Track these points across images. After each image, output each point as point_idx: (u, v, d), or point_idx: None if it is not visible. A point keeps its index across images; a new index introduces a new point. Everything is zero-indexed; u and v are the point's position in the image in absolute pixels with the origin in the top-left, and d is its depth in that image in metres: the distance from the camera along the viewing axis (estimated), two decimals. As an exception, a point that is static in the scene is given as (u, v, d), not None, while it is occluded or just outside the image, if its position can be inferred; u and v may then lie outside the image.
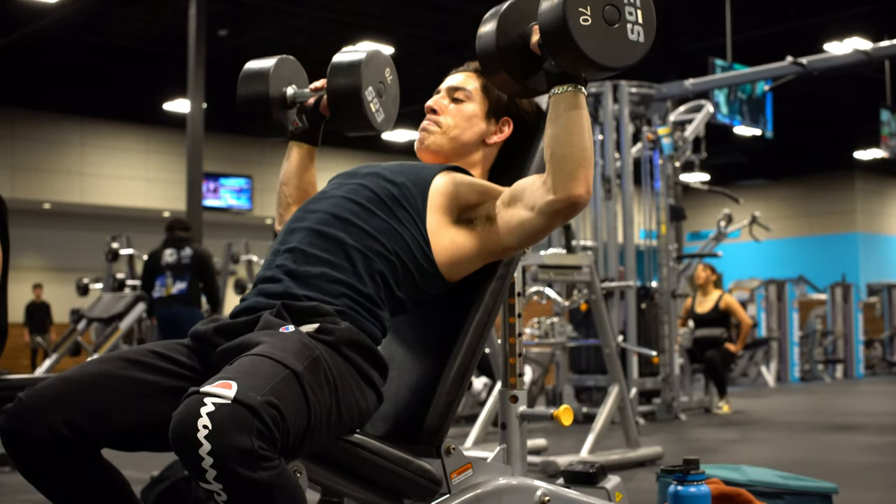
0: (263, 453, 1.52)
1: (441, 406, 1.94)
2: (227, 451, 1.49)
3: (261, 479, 1.52)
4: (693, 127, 8.31)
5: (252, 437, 1.51)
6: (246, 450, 1.50)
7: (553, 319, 7.09)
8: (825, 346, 13.70)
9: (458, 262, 1.96)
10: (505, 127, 2.14)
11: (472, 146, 2.12)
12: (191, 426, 1.50)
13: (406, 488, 1.87)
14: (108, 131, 16.43)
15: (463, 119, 2.11)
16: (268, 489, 1.54)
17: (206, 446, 1.48)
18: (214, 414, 1.50)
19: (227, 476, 1.50)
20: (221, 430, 1.49)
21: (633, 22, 1.76)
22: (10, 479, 4.72)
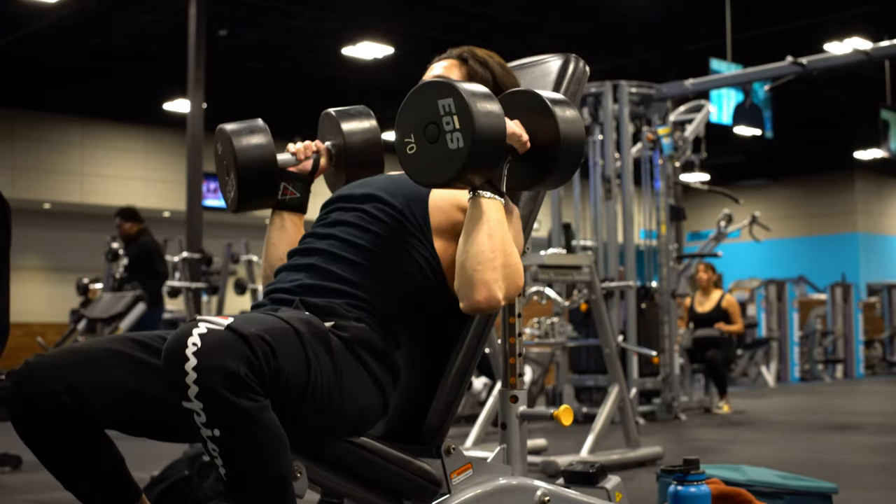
0: (248, 381, 1.54)
1: (441, 406, 1.94)
2: (211, 368, 1.51)
3: (242, 406, 1.53)
4: (693, 127, 8.31)
5: (240, 362, 1.53)
6: (231, 372, 1.52)
7: (553, 319, 7.09)
8: (825, 346, 13.70)
9: None
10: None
11: None
12: (181, 343, 1.53)
13: (406, 489, 1.87)
14: (109, 131, 16.42)
15: None
16: (248, 420, 1.54)
17: (191, 361, 1.51)
18: (206, 335, 1.54)
19: (207, 394, 1.51)
20: (210, 348, 1.52)
21: (451, 131, 1.75)
22: (11, 479, 4.72)
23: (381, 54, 13.06)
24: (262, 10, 12.13)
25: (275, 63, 14.00)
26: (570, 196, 8.89)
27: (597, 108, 8.07)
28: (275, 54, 13.71)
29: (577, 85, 2.21)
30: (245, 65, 14.13)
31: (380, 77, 13.80)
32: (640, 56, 13.56)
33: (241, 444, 1.55)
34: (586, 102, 8.03)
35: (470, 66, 2.08)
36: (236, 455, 1.56)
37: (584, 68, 2.23)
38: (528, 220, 2.11)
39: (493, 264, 1.80)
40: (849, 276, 16.29)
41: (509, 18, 12.58)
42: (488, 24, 12.73)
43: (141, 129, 16.64)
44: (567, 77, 2.20)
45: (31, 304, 15.32)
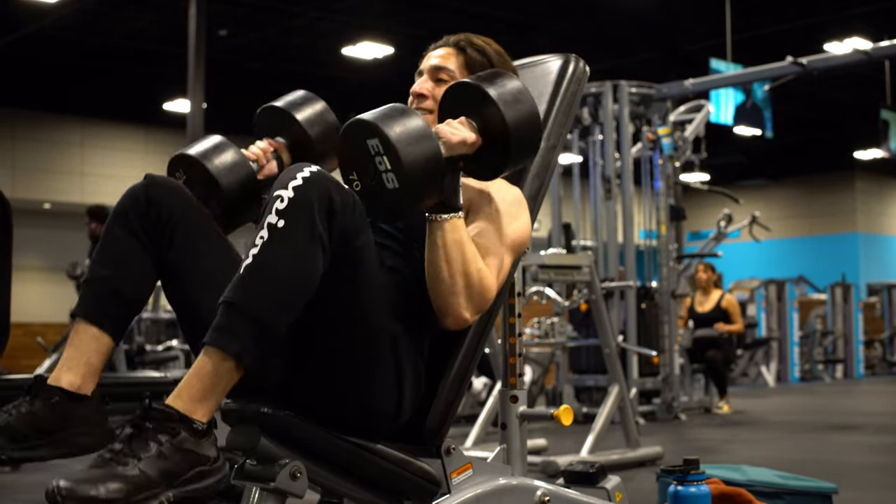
0: (332, 215, 1.67)
1: (441, 406, 1.94)
2: (318, 182, 1.68)
3: (315, 223, 1.66)
4: (693, 127, 8.31)
5: (337, 196, 1.68)
6: (329, 195, 1.68)
7: (553, 319, 7.09)
8: (825, 346, 13.70)
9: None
10: None
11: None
12: (300, 166, 1.71)
13: (406, 489, 1.87)
14: (109, 131, 16.42)
15: None
16: (309, 236, 1.66)
17: (306, 173, 1.68)
18: (320, 170, 1.72)
19: (303, 193, 1.66)
20: (323, 175, 1.70)
21: (384, 171, 1.75)
22: (11, 479, 4.71)
23: (381, 54, 13.06)
24: (262, 10, 12.13)
25: (275, 63, 13.99)
26: (570, 196, 8.89)
27: (597, 108, 8.07)
28: (275, 54, 13.71)
29: (577, 85, 2.21)
30: (245, 65, 14.12)
31: (380, 77, 13.80)
32: (640, 56, 13.56)
33: (286, 247, 1.64)
34: (586, 102, 8.03)
35: (468, 54, 2.08)
36: (274, 251, 1.64)
37: (584, 68, 2.23)
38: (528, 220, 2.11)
39: (454, 290, 1.83)
40: (849, 276, 16.29)
41: (509, 18, 12.58)
42: (488, 24, 12.72)
43: (141, 129, 16.64)
44: (567, 77, 2.20)
45: (31, 304, 15.32)
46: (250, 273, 1.64)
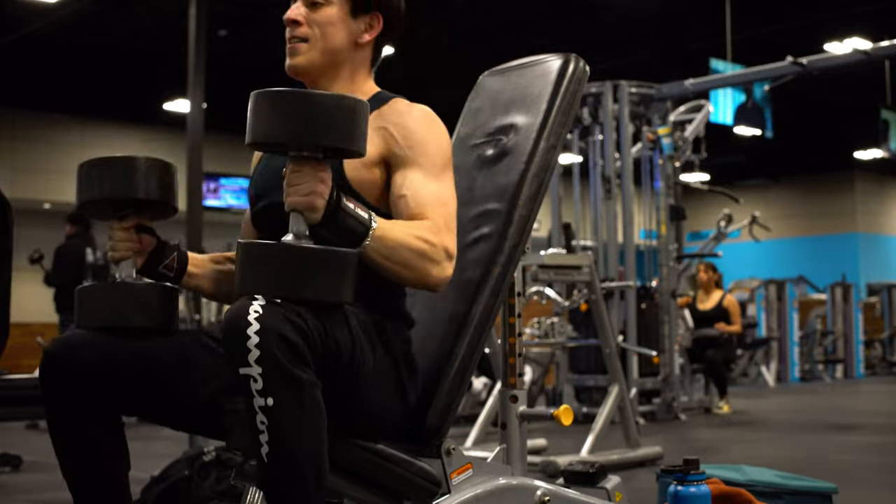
0: (304, 355, 1.58)
1: (441, 406, 1.94)
2: (274, 334, 1.55)
3: (297, 376, 1.57)
4: (693, 127, 8.31)
5: (298, 334, 1.57)
6: (291, 341, 1.56)
7: (553, 319, 7.09)
8: (825, 346, 13.71)
9: None
10: (374, 22, 1.99)
11: (344, 51, 1.97)
12: (243, 311, 1.57)
13: (406, 489, 1.87)
14: (109, 131, 16.42)
15: (327, 26, 1.95)
16: (302, 392, 1.58)
17: (254, 326, 1.55)
18: (266, 306, 1.58)
19: (268, 359, 1.55)
20: (271, 316, 1.56)
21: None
22: (11, 479, 4.72)
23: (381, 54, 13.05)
24: (262, 10, 12.13)
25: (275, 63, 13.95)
26: (570, 196, 8.89)
27: (597, 108, 8.07)
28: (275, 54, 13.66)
29: (577, 85, 2.21)
30: (245, 65, 14.12)
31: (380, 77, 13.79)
32: (640, 56, 13.56)
33: (291, 417, 1.57)
34: (586, 102, 8.04)
35: None
36: (284, 428, 1.57)
37: (584, 68, 2.23)
38: (528, 219, 2.11)
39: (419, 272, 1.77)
40: (849, 276, 16.29)
41: (509, 18, 12.58)
42: (488, 24, 12.73)
43: (141, 129, 16.65)
44: (567, 77, 2.20)
45: (30, 304, 15.31)
46: (275, 463, 1.59)
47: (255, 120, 1.64)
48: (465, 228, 2.14)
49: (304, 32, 1.96)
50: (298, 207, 1.65)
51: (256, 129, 1.64)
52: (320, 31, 1.95)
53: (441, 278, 1.79)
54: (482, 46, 12.95)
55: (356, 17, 1.97)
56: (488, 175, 2.18)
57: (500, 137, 2.22)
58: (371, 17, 1.99)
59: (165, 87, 14.52)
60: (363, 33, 1.99)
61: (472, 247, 2.09)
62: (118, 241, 1.90)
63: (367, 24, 1.99)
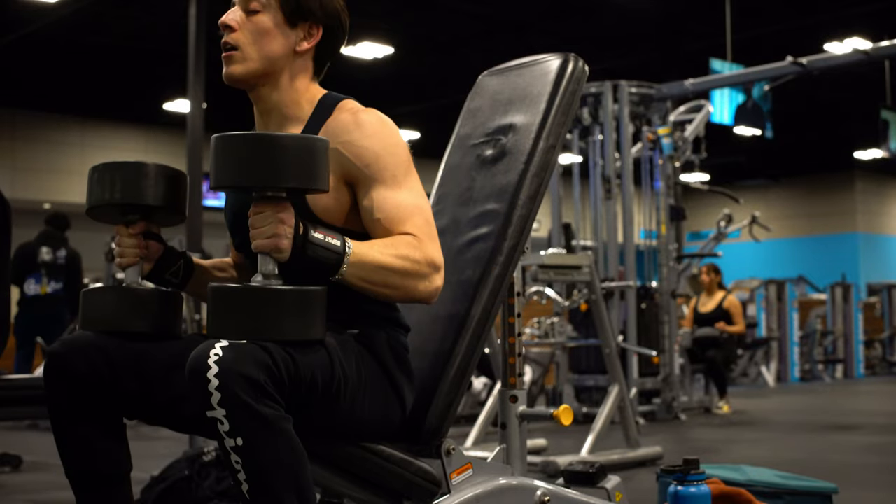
0: (269, 390, 1.56)
1: (441, 406, 1.94)
2: (232, 375, 1.53)
3: (263, 413, 1.56)
4: (693, 127, 8.31)
5: (260, 371, 1.56)
6: (252, 379, 1.55)
7: (553, 319, 7.09)
8: (825, 346, 13.70)
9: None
10: (313, 30, 1.94)
11: (282, 60, 1.92)
12: (204, 355, 1.56)
13: (406, 489, 1.87)
14: (109, 131, 16.43)
15: (261, 34, 1.90)
16: (270, 428, 1.56)
17: (213, 369, 1.54)
18: (227, 347, 1.57)
19: (229, 400, 1.54)
20: (231, 358, 1.55)
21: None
22: (11, 479, 4.72)
23: (381, 54, 13.06)
24: (261, 10, 12.13)
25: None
26: (570, 196, 8.89)
27: (597, 108, 8.07)
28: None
29: (577, 84, 2.21)
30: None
31: (380, 77, 13.80)
32: (640, 56, 13.56)
33: (263, 454, 1.56)
34: (586, 102, 8.04)
35: None
36: (258, 465, 1.56)
37: (583, 68, 2.23)
38: (528, 219, 2.11)
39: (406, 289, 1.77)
40: (849, 276, 16.29)
41: (509, 18, 12.58)
42: (488, 24, 12.73)
43: (141, 129, 16.65)
44: (566, 77, 2.20)
45: (31, 304, 15.31)
46: (256, 498, 1.58)
47: (218, 164, 1.65)
48: (464, 228, 2.14)
49: (235, 39, 1.91)
50: (264, 250, 1.65)
51: (218, 173, 1.65)
52: (253, 38, 1.90)
53: (429, 291, 1.79)
54: (482, 46, 12.96)
55: (293, 27, 1.92)
56: (488, 175, 2.18)
57: (499, 137, 2.22)
58: (309, 25, 1.94)
59: (165, 87, 14.53)
60: (301, 41, 1.93)
61: (471, 247, 2.09)
62: (125, 248, 1.90)
63: (305, 32, 1.93)
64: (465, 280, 2.04)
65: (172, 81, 13.50)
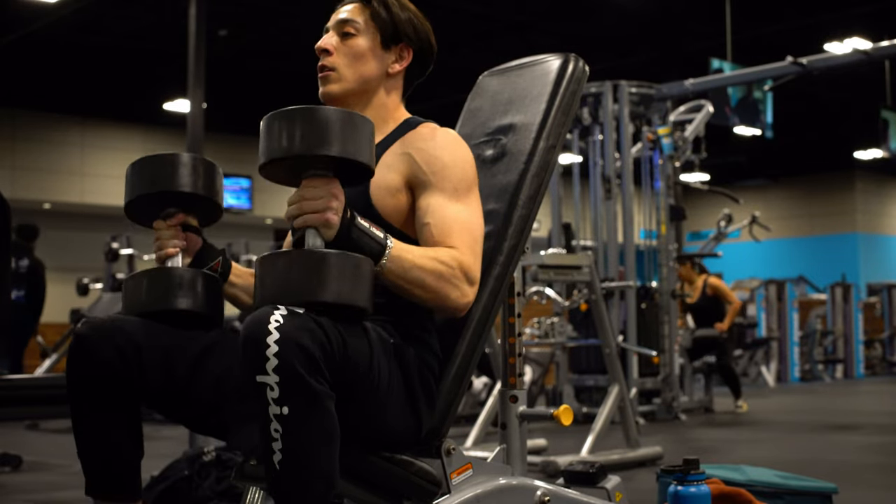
0: (321, 366, 1.59)
1: (441, 406, 1.94)
2: (293, 344, 1.56)
3: (314, 388, 1.58)
4: (693, 127, 8.31)
5: (316, 345, 1.59)
6: (309, 352, 1.58)
7: (553, 319, 7.09)
8: (825, 346, 13.71)
9: None
10: (405, 53, 2.05)
11: (375, 80, 2.03)
12: (263, 320, 1.58)
13: (406, 489, 1.87)
14: (109, 131, 16.42)
15: (357, 56, 2.01)
16: (317, 403, 1.59)
17: (274, 335, 1.56)
18: (287, 316, 1.59)
19: (286, 369, 1.56)
20: (292, 327, 1.58)
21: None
22: (11, 479, 4.71)
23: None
24: (262, 10, 12.13)
25: (275, 63, 13.99)
26: (570, 196, 8.88)
27: (597, 108, 8.07)
28: (275, 54, 13.70)
29: (577, 84, 2.21)
30: (245, 65, 14.12)
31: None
32: (640, 56, 13.56)
33: (305, 427, 1.58)
34: (586, 102, 8.03)
35: (373, 7, 2.03)
36: (298, 438, 1.58)
37: (583, 68, 2.23)
38: (528, 219, 2.11)
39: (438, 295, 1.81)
40: (849, 276, 16.29)
41: (509, 18, 12.57)
42: (488, 24, 12.72)
43: (141, 129, 16.64)
44: (567, 77, 2.20)
45: (31, 304, 15.30)
46: (287, 470, 1.59)
47: (268, 139, 1.69)
48: (464, 228, 2.14)
49: (332, 62, 2.01)
50: (313, 223, 1.69)
51: (269, 147, 1.68)
52: (349, 60, 2.01)
53: (461, 302, 1.83)
54: (482, 46, 12.96)
55: (387, 49, 2.03)
56: (488, 175, 2.18)
57: (499, 137, 2.22)
58: (401, 48, 2.04)
59: (165, 87, 14.52)
60: (393, 63, 2.04)
61: (471, 247, 2.09)
62: (164, 239, 1.92)
63: (397, 54, 2.04)
64: (465, 280, 2.04)
65: (172, 81, 13.49)
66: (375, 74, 2.02)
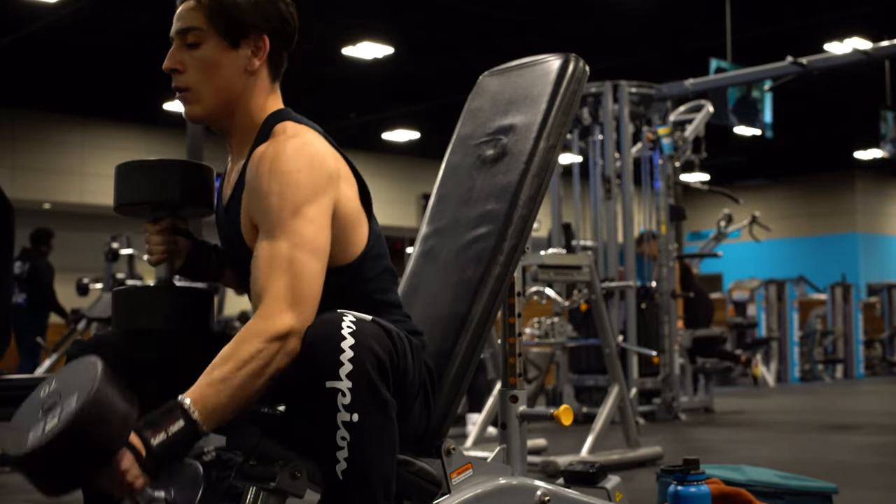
0: (388, 373, 1.59)
1: (441, 406, 1.94)
2: (367, 352, 1.54)
3: (384, 396, 1.57)
4: (693, 127, 8.30)
5: (385, 352, 1.58)
6: (381, 360, 1.56)
7: (553, 319, 7.09)
8: (825, 346, 13.70)
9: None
10: (259, 43, 1.82)
11: (236, 85, 1.82)
12: (336, 325, 1.55)
13: (406, 489, 1.87)
14: (109, 131, 16.42)
15: (208, 68, 1.80)
16: (385, 411, 1.58)
17: (349, 341, 1.54)
18: (357, 323, 1.57)
19: (360, 375, 1.54)
20: (367, 333, 1.57)
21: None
22: (11, 479, 4.71)
23: (381, 54, 13.06)
24: (262, 10, 12.13)
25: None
26: (570, 196, 8.88)
27: (597, 108, 8.06)
28: (275, 54, 13.70)
29: (577, 85, 2.21)
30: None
31: (380, 77, 13.79)
32: (640, 56, 13.56)
33: (373, 437, 1.56)
34: (586, 102, 8.03)
35: (206, 5, 1.80)
36: (365, 448, 1.56)
37: (583, 68, 2.23)
38: (528, 219, 2.11)
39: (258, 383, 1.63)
40: (849, 276, 16.29)
41: (509, 18, 12.57)
42: (488, 24, 12.72)
43: (141, 129, 16.64)
44: (567, 77, 2.20)
45: (31, 304, 15.31)
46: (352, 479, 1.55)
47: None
48: (464, 228, 2.14)
49: (185, 81, 1.82)
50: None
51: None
52: (202, 76, 1.80)
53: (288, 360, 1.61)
54: (482, 46, 12.95)
55: (237, 47, 1.81)
56: (488, 175, 2.18)
57: (499, 137, 2.22)
58: (253, 39, 1.82)
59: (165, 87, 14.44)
60: (251, 59, 1.82)
61: (471, 247, 2.09)
62: (153, 245, 1.90)
63: (251, 48, 1.82)
64: (465, 280, 2.05)
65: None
66: (234, 79, 1.81)
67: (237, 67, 1.81)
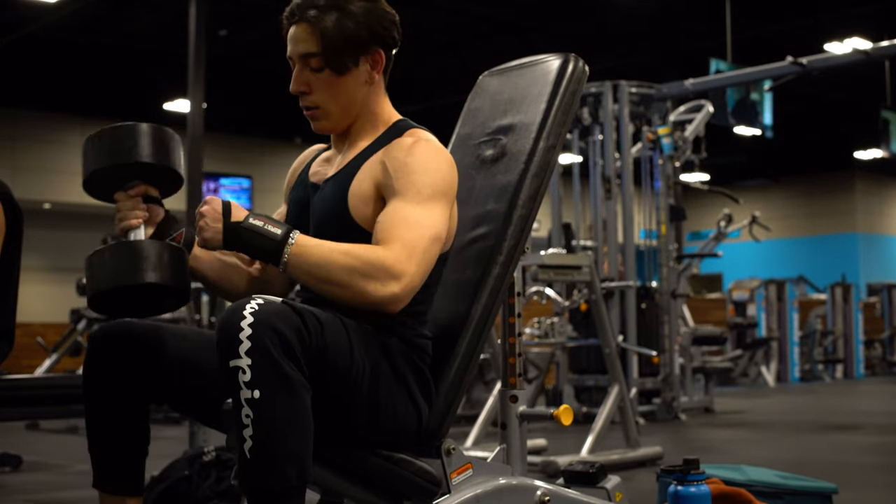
0: (296, 353, 1.59)
1: (441, 406, 1.94)
2: (266, 327, 1.56)
3: (287, 372, 1.57)
4: (693, 127, 8.30)
5: (292, 330, 1.59)
6: (284, 336, 1.57)
7: (553, 319, 7.09)
8: (825, 346, 13.70)
9: None
10: (377, 56, 1.96)
11: (360, 97, 1.96)
12: (240, 307, 1.60)
13: (406, 489, 1.87)
14: (109, 131, 16.43)
15: (335, 87, 1.93)
16: (289, 387, 1.57)
17: (248, 319, 1.57)
18: (263, 303, 1.60)
19: (258, 350, 1.56)
20: (267, 312, 1.58)
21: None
22: (11, 479, 4.71)
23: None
24: (262, 10, 12.13)
25: (275, 63, 13.99)
26: (570, 196, 8.88)
27: (597, 108, 8.07)
28: (275, 54, 13.70)
29: (577, 85, 2.21)
30: (245, 65, 14.12)
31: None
32: (640, 56, 13.56)
33: (277, 413, 1.57)
34: (586, 102, 8.03)
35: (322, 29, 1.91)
36: (269, 424, 1.57)
37: (583, 68, 2.23)
38: (528, 219, 2.10)
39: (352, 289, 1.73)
40: (849, 276, 16.29)
41: (509, 18, 12.58)
42: (488, 24, 12.73)
43: (141, 130, 16.64)
44: (566, 77, 2.20)
45: (31, 304, 15.32)
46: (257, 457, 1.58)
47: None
48: (464, 228, 2.14)
49: (313, 101, 1.95)
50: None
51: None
52: (329, 95, 1.93)
53: (381, 295, 1.73)
54: (482, 46, 12.96)
55: (357, 64, 1.94)
56: (488, 175, 2.18)
57: (499, 137, 2.22)
58: (371, 53, 1.95)
59: (165, 87, 14.52)
60: (371, 72, 1.96)
61: (471, 246, 2.09)
62: (126, 210, 1.89)
63: (369, 61, 1.95)
64: (465, 280, 2.04)
65: (172, 81, 13.49)
66: (357, 93, 1.95)
67: (359, 82, 1.95)
